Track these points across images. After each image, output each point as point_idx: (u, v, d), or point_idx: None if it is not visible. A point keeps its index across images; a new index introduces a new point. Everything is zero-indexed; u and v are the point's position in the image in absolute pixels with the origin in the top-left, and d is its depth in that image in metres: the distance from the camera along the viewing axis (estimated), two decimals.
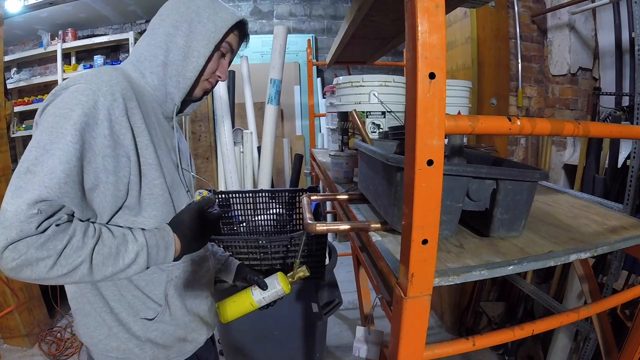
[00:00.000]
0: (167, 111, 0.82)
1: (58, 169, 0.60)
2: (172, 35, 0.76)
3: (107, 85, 0.66)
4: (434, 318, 2.51)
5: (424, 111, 0.46)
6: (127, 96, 0.69)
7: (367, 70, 3.78)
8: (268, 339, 1.43)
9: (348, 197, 1.02)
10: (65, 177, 0.61)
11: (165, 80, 0.78)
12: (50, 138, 0.61)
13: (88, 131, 0.63)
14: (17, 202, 0.57)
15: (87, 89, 0.65)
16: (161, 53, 0.77)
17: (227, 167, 2.30)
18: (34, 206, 0.58)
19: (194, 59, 0.77)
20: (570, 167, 2.23)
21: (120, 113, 0.67)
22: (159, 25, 0.78)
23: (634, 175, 1.45)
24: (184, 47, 0.76)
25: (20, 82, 3.87)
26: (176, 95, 0.80)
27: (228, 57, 0.86)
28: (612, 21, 2.02)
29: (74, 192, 0.62)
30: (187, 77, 0.78)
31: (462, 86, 1.60)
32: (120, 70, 0.73)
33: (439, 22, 0.45)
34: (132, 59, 0.80)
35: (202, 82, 0.83)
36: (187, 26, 0.77)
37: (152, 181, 0.73)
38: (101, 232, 0.66)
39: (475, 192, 0.70)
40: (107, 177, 0.67)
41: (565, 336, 1.81)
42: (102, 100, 0.65)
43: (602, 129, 0.68)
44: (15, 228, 0.57)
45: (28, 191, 0.58)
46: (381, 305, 0.70)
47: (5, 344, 2.24)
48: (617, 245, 0.74)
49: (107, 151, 0.66)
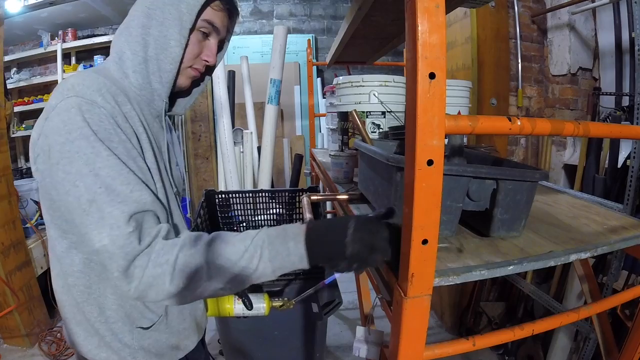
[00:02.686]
0: (156, 110, 0.78)
1: (117, 184, 0.60)
2: (147, 26, 0.71)
3: (100, 95, 0.64)
4: (434, 318, 2.51)
5: (424, 111, 0.46)
6: (120, 101, 0.67)
7: (367, 70, 3.78)
8: (268, 339, 1.43)
9: (348, 197, 1.02)
10: (127, 186, 0.60)
11: (149, 78, 0.73)
12: (85, 163, 0.59)
13: (109, 143, 0.62)
14: (106, 231, 0.58)
15: (83, 104, 0.61)
16: (140, 49, 0.71)
17: (227, 167, 2.30)
18: (126, 226, 0.58)
19: (172, 48, 0.71)
20: (570, 167, 2.23)
21: (122, 120, 0.66)
22: (134, 15, 0.73)
23: (634, 175, 1.45)
24: (159, 37, 0.70)
25: (20, 82, 3.87)
26: (162, 92, 0.75)
27: (214, 36, 0.78)
28: (612, 21, 2.02)
29: (145, 193, 0.63)
30: (167, 70, 0.73)
31: (462, 86, 1.60)
32: (104, 74, 0.70)
33: (439, 22, 0.45)
34: (113, 57, 0.74)
35: (185, 70, 0.76)
36: (160, 13, 0.70)
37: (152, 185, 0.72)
38: (216, 235, 0.63)
39: (475, 192, 0.70)
40: (144, 176, 0.67)
41: (565, 336, 1.81)
42: (104, 112, 0.63)
43: (602, 129, 0.68)
44: (120, 255, 0.57)
45: (110, 214, 0.58)
46: (381, 305, 0.70)
47: (5, 344, 2.24)
48: (617, 245, 0.74)
49: (133, 153, 0.66)
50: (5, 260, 2.08)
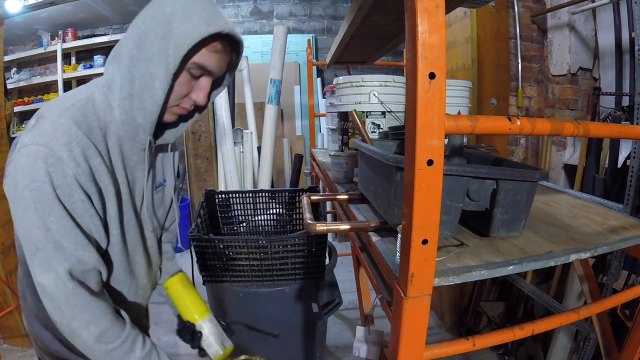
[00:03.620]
0: (141, 143, 0.75)
1: (64, 242, 0.66)
2: (136, 59, 0.66)
3: (67, 150, 0.63)
4: (434, 318, 2.51)
5: (424, 111, 0.46)
6: (89, 154, 0.67)
7: (367, 70, 3.78)
8: (268, 339, 1.43)
9: (348, 197, 1.02)
10: (73, 245, 0.66)
11: (133, 113, 0.70)
12: (38, 215, 0.63)
13: (66, 200, 0.65)
14: (51, 278, 0.66)
15: (49, 157, 0.62)
16: (126, 83, 0.68)
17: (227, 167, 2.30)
18: (68, 281, 0.66)
19: (156, 89, 0.67)
20: (570, 167, 2.23)
21: (86, 178, 0.67)
22: (127, 41, 0.69)
23: (634, 175, 1.45)
24: (145, 74, 0.66)
25: (20, 82, 3.87)
26: (147, 128, 0.72)
27: (208, 77, 0.72)
28: (612, 21, 2.02)
29: (89, 253, 0.69)
30: (149, 111, 0.69)
31: (462, 86, 1.60)
32: (85, 110, 0.68)
33: (439, 22, 0.45)
34: (103, 84, 0.71)
35: (171, 109, 0.73)
36: (149, 47, 0.65)
37: (111, 231, 0.76)
38: (151, 352, 0.76)
39: (475, 192, 0.70)
40: (98, 231, 0.72)
41: (565, 336, 1.81)
42: (67, 170, 0.64)
43: (602, 129, 0.68)
44: (63, 302, 0.67)
45: (53, 266, 0.65)
46: (381, 305, 0.70)
47: (5, 344, 2.24)
48: (617, 245, 0.74)
49: (90, 211, 0.69)
50: (5, 260, 2.08)
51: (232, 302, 1.38)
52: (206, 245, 1.26)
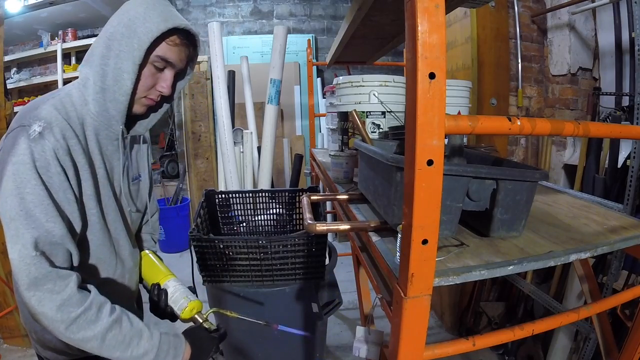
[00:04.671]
0: (114, 133, 0.83)
1: (35, 211, 0.68)
2: (106, 57, 0.76)
3: (48, 129, 0.70)
4: (434, 318, 2.51)
5: (424, 111, 0.46)
6: (67, 135, 0.73)
7: (367, 70, 3.78)
8: (268, 339, 1.43)
9: (348, 197, 1.02)
10: (44, 215, 0.68)
11: (106, 105, 0.78)
12: (16, 185, 0.67)
13: (44, 172, 0.69)
14: (17, 248, 0.67)
15: (32, 134, 0.69)
16: (99, 79, 0.77)
17: (227, 167, 2.30)
18: (32, 249, 0.67)
19: (124, 81, 0.76)
20: (570, 167, 2.23)
21: (63, 152, 0.72)
22: (97, 44, 0.78)
23: (634, 175, 1.45)
24: (115, 69, 0.76)
25: (20, 82, 3.87)
26: (119, 118, 0.81)
27: (170, 69, 0.82)
28: (612, 21, 2.02)
29: (59, 226, 0.70)
30: (120, 101, 0.78)
31: (462, 86, 1.60)
32: (62, 104, 0.75)
33: (439, 22, 0.45)
34: (79, 82, 0.80)
35: (140, 100, 0.82)
36: (117, 45, 0.75)
37: (89, 210, 0.80)
38: (121, 318, 0.74)
39: (475, 192, 0.70)
40: (71, 207, 0.74)
41: (565, 336, 1.81)
42: (48, 144, 0.70)
43: (602, 129, 0.68)
44: (24, 273, 0.66)
45: (22, 235, 0.67)
46: (381, 305, 0.70)
47: (5, 344, 2.24)
48: (617, 245, 0.74)
49: (65, 185, 0.72)
50: (5, 260, 2.08)
51: (232, 302, 1.38)
52: (206, 245, 1.26)
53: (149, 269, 1.00)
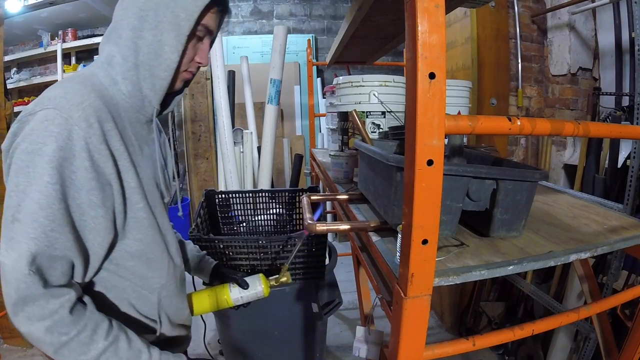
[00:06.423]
0: (146, 115, 0.75)
1: (40, 215, 0.57)
2: (139, 29, 0.67)
3: (79, 110, 0.60)
4: (434, 318, 2.51)
5: (424, 111, 0.46)
6: (102, 117, 0.63)
7: (367, 70, 3.78)
8: (268, 339, 1.43)
9: (348, 197, 1.02)
10: (49, 223, 0.57)
11: (139, 84, 0.70)
12: (27, 179, 0.57)
13: (66, 166, 0.59)
14: (12, 256, 0.57)
15: (57, 117, 0.58)
16: (130, 54, 0.68)
17: (227, 167, 2.30)
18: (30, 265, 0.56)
19: (167, 54, 0.68)
20: (570, 167, 2.23)
21: (98, 140, 0.62)
22: (124, 16, 0.68)
23: (634, 175, 1.45)
24: (153, 42, 0.67)
25: (20, 82, 3.86)
26: (154, 98, 0.72)
27: (207, 39, 0.76)
28: (612, 21, 2.02)
29: (64, 237, 0.59)
30: (161, 77, 0.70)
31: (462, 86, 1.60)
32: (91, 83, 0.66)
33: (439, 22, 0.45)
34: (102, 60, 0.71)
35: (181, 74, 0.74)
36: (153, 15, 0.66)
37: (135, 205, 0.69)
38: (118, 339, 0.64)
39: (475, 192, 0.70)
40: (95, 212, 0.63)
41: (565, 336, 1.81)
42: (77, 130, 0.59)
43: (602, 129, 0.68)
44: (13, 286, 0.56)
45: (20, 243, 0.57)
46: (381, 305, 0.70)
47: (5, 344, 2.24)
48: (617, 245, 0.74)
49: (91, 184, 0.61)
50: None
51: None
52: (206, 245, 1.26)
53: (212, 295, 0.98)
